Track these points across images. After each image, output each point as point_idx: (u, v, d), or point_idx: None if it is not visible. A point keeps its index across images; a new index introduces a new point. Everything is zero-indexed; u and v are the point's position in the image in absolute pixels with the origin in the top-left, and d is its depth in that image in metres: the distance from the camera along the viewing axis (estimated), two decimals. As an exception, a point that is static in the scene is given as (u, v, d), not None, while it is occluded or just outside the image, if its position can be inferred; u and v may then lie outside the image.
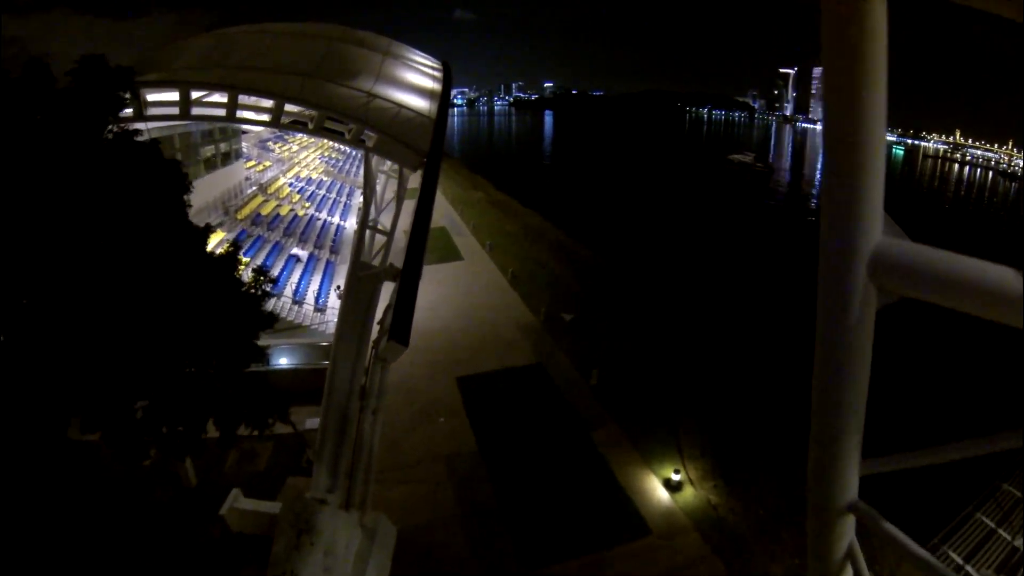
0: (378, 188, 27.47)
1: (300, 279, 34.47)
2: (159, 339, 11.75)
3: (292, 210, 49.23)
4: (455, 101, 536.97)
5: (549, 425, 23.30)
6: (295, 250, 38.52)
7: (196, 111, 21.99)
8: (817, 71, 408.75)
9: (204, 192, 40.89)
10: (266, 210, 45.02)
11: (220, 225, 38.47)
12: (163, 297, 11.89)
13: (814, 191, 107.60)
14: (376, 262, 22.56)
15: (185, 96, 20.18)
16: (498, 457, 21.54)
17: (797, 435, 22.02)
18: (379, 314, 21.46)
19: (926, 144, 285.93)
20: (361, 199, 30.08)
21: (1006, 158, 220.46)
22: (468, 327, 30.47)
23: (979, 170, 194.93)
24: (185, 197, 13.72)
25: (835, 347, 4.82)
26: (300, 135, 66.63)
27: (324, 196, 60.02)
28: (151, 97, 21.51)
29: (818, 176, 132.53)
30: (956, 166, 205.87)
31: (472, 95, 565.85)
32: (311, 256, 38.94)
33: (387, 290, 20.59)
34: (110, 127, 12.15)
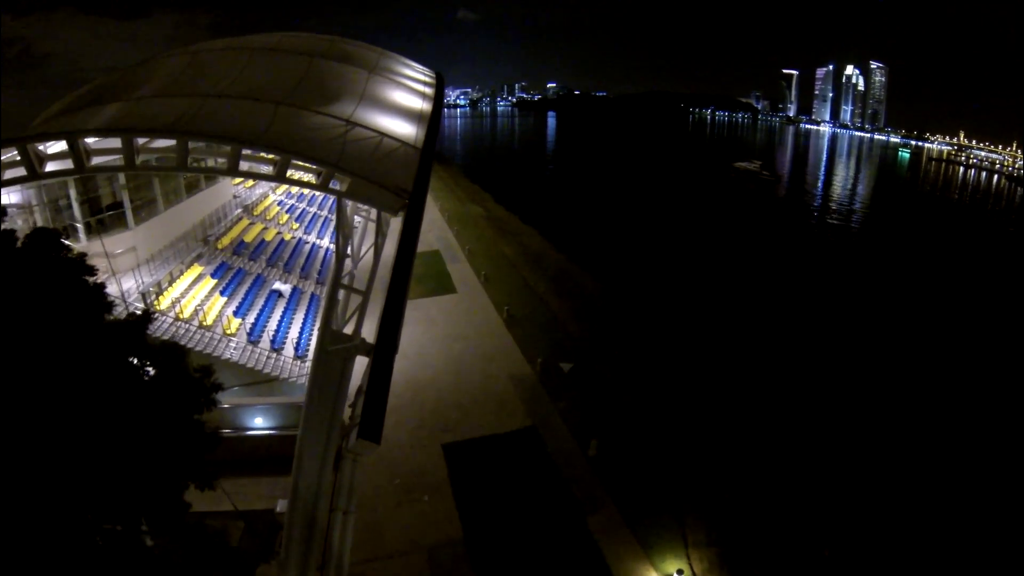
0: (356, 229, 25.20)
1: (280, 320, 32.16)
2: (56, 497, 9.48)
3: (279, 233, 46.96)
4: (458, 102, 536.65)
5: (541, 507, 20.91)
6: (277, 284, 36.17)
7: (144, 157, 19.76)
8: (820, 72, 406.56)
9: (184, 218, 38.68)
10: (250, 236, 42.70)
11: (198, 258, 36.25)
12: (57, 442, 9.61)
13: (822, 201, 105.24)
14: (350, 327, 20.29)
15: (128, 145, 17.77)
16: (484, 549, 19.23)
17: (817, 520, 19.57)
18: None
19: (930, 145, 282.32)
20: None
21: (1010, 160, 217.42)
22: (458, 380, 28.10)
23: (984, 173, 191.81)
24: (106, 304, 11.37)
25: None
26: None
27: (315, 214, 57.64)
28: (94, 144, 19.24)
29: (826, 184, 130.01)
30: (961, 169, 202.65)
31: (475, 95, 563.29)
32: (295, 290, 36.60)
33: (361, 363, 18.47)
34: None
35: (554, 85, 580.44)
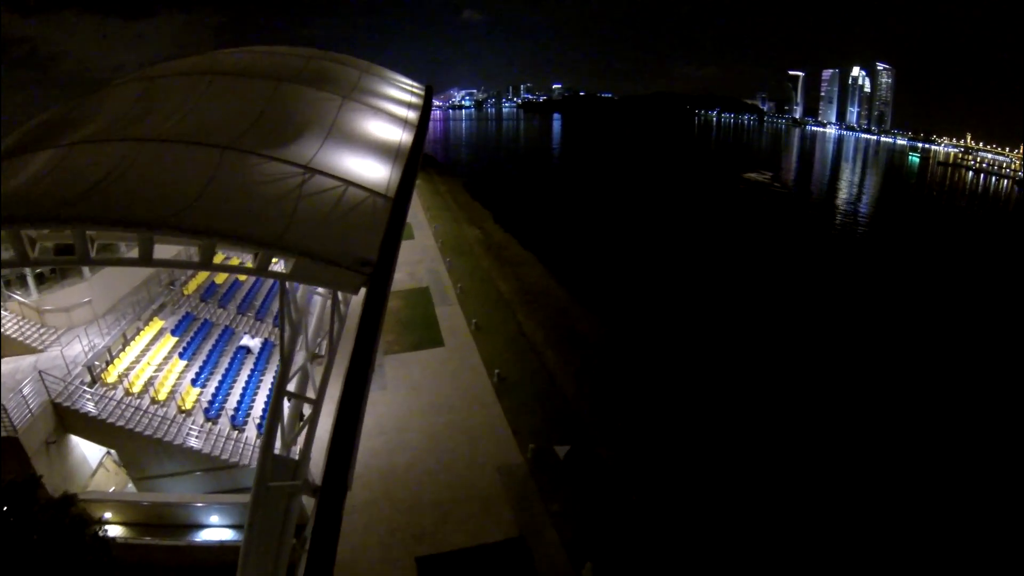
0: (311, 308, 21.82)
1: (245, 387, 28.85)
2: None
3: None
4: (463, 103, 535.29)
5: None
6: (245, 340, 32.92)
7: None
8: (827, 73, 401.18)
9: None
10: (221, 276, 39.43)
11: (160, 310, 33.06)
12: None
13: (839, 216, 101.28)
14: (298, 448, 17.04)
15: (17, 240, 14.52)
16: None
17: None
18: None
19: (936, 148, 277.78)
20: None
21: (1017, 163, 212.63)
22: (439, 469, 24.59)
23: (993, 178, 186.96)
24: None
25: None
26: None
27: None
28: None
29: (841, 196, 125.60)
30: (970, 174, 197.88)
31: (480, 96, 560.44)
32: (266, 344, 33.35)
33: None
34: None
35: (559, 86, 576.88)
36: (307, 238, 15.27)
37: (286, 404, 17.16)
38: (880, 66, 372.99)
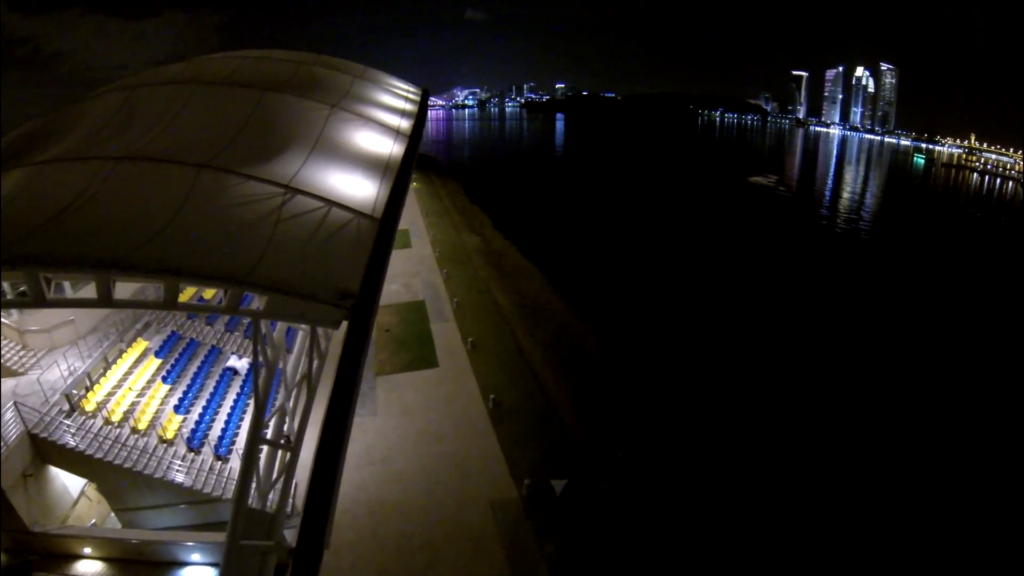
0: (293, 342, 20.69)
1: (231, 413, 27.82)
2: None
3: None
4: (466, 103, 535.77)
5: None
6: (232, 360, 31.87)
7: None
8: (830, 73, 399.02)
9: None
10: (210, 292, 38.31)
11: (145, 329, 32.05)
12: None
13: (847, 222, 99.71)
14: (273, 500, 15.99)
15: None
16: None
17: None
18: None
19: (940, 148, 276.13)
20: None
21: (1021, 164, 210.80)
22: (430, 504, 23.44)
23: (998, 180, 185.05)
24: None
25: None
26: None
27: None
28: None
29: (848, 200, 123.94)
30: (975, 175, 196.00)
31: (483, 95, 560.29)
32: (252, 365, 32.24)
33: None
34: None
35: (562, 86, 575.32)
36: (282, 270, 14.14)
37: (263, 452, 16.11)
38: (884, 66, 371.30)
